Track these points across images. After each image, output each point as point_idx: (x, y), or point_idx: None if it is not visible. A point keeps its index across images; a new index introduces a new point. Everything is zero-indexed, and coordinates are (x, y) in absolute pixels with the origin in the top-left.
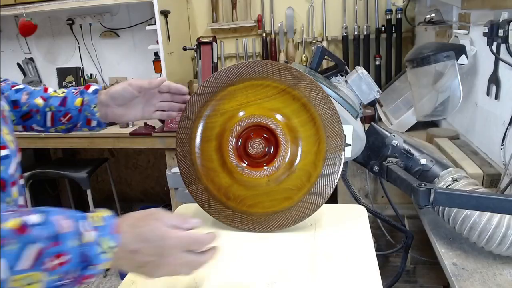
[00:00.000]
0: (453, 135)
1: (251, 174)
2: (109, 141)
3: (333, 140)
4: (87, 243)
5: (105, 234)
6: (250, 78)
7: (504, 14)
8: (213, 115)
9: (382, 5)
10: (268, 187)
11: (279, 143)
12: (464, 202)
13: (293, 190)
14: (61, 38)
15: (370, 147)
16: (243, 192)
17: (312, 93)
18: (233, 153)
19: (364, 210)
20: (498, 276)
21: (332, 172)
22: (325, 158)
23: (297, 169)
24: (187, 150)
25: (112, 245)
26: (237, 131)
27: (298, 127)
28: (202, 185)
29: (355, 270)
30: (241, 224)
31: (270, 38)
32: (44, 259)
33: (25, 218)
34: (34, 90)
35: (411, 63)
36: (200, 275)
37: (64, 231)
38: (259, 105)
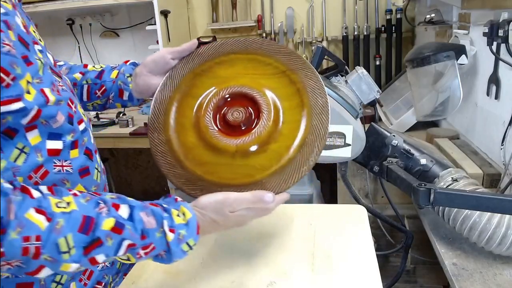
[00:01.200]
0: (453, 135)
1: (221, 139)
2: (109, 141)
3: (316, 129)
4: (170, 241)
5: (188, 237)
6: (256, 52)
7: (504, 14)
8: (205, 75)
9: (382, 5)
10: (233, 159)
11: (260, 119)
12: (464, 202)
13: (258, 169)
14: (61, 38)
15: (370, 147)
16: (206, 157)
17: (309, 81)
18: (210, 115)
19: (364, 210)
20: (498, 276)
21: (304, 161)
22: (303, 145)
23: (269, 149)
24: (166, 98)
25: (192, 244)
26: (222, 95)
27: (286, 109)
28: (165, 137)
29: (355, 270)
30: (189, 188)
31: (270, 38)
32: (135, 250)
33: (115, 215)
34: (74, 65)
35: (411, 63)
36: (200, 275)
37: (149, 227)
38: (254, 79)
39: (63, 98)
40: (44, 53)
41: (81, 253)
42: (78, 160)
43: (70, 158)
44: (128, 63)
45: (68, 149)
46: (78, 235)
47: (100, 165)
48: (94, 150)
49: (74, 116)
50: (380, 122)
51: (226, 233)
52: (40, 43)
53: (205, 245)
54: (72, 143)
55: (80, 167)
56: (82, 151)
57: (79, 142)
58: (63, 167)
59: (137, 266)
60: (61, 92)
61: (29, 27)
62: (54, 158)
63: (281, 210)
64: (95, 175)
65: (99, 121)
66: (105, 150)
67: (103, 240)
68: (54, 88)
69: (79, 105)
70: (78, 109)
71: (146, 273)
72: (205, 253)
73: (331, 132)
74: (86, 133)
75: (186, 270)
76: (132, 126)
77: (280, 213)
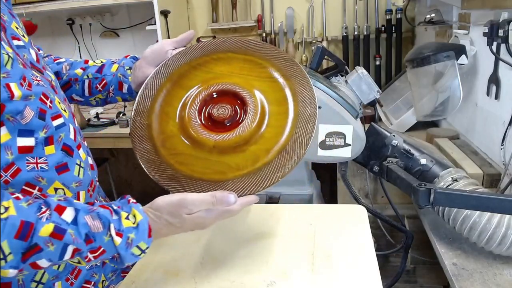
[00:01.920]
0: (453, 135)
1: (201, 132)
2: (109, 141)
3: (299, 137)
4: (118, 245)
5: (137, 240)
6: (254, 54)
7: (504, 14)
8: (199, 69)
9: (382, 5)
10: (209, 153)
11: (245, 119)
12: (464, 202)
13: (232, 168)
14: (61, 38)
15: (370, 147)
16: (182, 147)
17: (302, 89)
18: (196, 107)
19: (364, 210)
20: (498, 276)
21: (281, 167)
22: (282, 151)
23: (248, 150)
24: (157, 85)
25: (145, 247)
26: (212, 90)
27: (272, 114)
28: (147, 122)
29: (355, 270)
30: (159, 176)
31: (270, 38)
32: (82, 254)
33: (56, 219)
34: (75, 61)
35: (411, 63)
36: (200, 275)
37: (96, 231)
38: (247, 80)
39: (34, 93)
40: (23, 49)
41: (19, 259)
42: (54, 157)
43: (46, 154)
44: (129, 57)
45: (42, 145)
46: (14, 242)
47: (84, 160)
48: (77, 145)
49: (47, 111)
50: (380, 122)
51: (226, 233)
52: (23, 39)
53: (205, 245)
54: (45, 139)
55: (57, 163)
56: (59, 147)
57: (55, 138)
58: (37, 164)
59: (137, 266)
60: (33, 87)
61: (11, 23)
62: (27, 155)
63: (281, 210)
64: (76, 171)
65: (99, 121)
66: (105, 150)
67: (41, 246)
68: (24, 82)
69: (57, 100)
70: (55, 104)
71: (146, 273)
72: (205, 253)
73: (331, 132)
74: (63, 128)
75: (186, 270)
76: None
77: (280, 213)
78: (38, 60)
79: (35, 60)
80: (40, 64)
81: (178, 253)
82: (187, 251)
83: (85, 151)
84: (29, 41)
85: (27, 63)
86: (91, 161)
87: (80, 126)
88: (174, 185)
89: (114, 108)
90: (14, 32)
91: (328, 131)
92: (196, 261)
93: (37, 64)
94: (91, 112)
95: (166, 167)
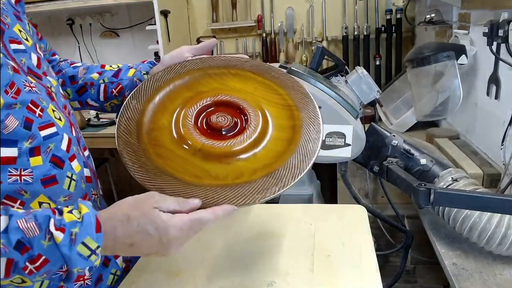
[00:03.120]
0: (453, 135)
1: (191, 132)
2: (109, 141)
3: (292, 168)
4: (59, 243)
5: (82, 235)
6: (272, 79)
7: (504, 14)
8: (213, 78)
9: (382, 5)
10: (192, 155)
11: (242, 133)
12: (464, 202)
13: (210, 176)
14: (61, 38)
15: (370, 147)
16: (166, 141)
17: (310, 125)
18: (195, 109)
19: (364, 210)
20: (498, 276)
21: (262, 190)
22: (269, 175)
23: (233, 164)
24: (165, 79)
25: (94, 246)
26: (219, 99)
27: (272, 138)
28: (141, 107)
29: (355, 270)
30: (130, 160)
31: (270, 38)
32: (20, 266)
33: None
34: (91, 65)
35: (411, 63)
36: (200, 275)
37: (31, 235)
38: (257, 101)
39: (20, 101)
40: (23, 53)
41: None
42: (41, 168)
43: (31, 166)
44: (146, 62)
45: (26, 156)
46: None
47: (78, 172)
48: (70, 156)
49: (34, 121)
50: (380, 122)
51: (226, 233)
52: (26, 43)
53: (205, 245)
54: (31, 150)
55: (43, 175)
56: (47, 159)
57: (42, 149)
58: (20, 176)
59: (137, 266)
60: (22, 94)
61: (14, 26)
62: (9, 167)
63: (281, 210)
64: (66, 184)
65: (99, 121)
66: (105, 150)
67: None
68: (11, 90)
69: (51, 108)
70: (47, 113)
71: (146, 273)
72: (205, 253)
73: (331, 132)
74: (54, 138)
75: (186, 270)
76: None
77: (280, 213)
78: (39, 65)
79: (35, 65)
80: (41, 70)
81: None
82: (187, 251)
83: (81, 163)
84: (33, 44)
85: (23, 68)
86: (89, 172)
87: (80, 126)
88: (142, 174)
89: None
90: (15, 35)
91: (328, 131)
92: (196, 261)
93: (36, 70)
94: (91, 112)
95: (141, 154)
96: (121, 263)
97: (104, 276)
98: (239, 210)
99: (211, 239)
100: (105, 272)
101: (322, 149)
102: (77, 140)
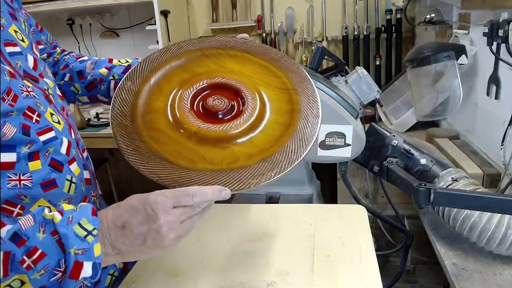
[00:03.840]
0: (453, 135)
1: (187, 115)
2: (109, 141)
3: (289, 152)
4: (57, 223)
5: (78, 217)
6: (271, 62)
7: (504, 14)
8: (211, 59)
9: (382, 5)
10: (187, 139)
11: (239, 117)
12: (464, 202)
13: (205, 160)
14: (61, 38)
15: (370, 147)
16: (161, 124)
17: (309, 109)
18: (191, 91)
19: (364, 210)
20: (498, 276)
21: (258, 175)
22: (264, 159)
23: (229, 148)
24: (161, 60)
25: (90, 228)
26: (215, 81)
27: (269, 122)
28: (136, 89)
29: (355, 270)
30: (124, 143)
31: (270, 38)
32: (17, 259)
33: None
34: (99, 60)
35: (411, 63)
36: (200, 275)
37: (26, 227)
38: (255, 84)
39: (17, 108)
40: (19, 55)
41: None
42: (40, 172)
43: (30, 170)
44: None
45: (25, 160)
46: None
47: (78, 175)
48: (69, 159)
49: (31, 127)
50: (380, 122)
51: (226, 233)
52: (21, 44)
53: (205, 245)
54: (29, 155)
55: (43, 180)
56: (46, 163)
57: (41, 153)
58: (20, 181)
59: (137, 266)
60: (19, 100)
61: (9, 27)
62: (8, 172)
63: (281, 210)
64: (66, 188)
65: (99, 121)
66: (105, 150)
67: None
68: (8, 97)
69: (49, 112)
70: (44, 117)
71: (146, 273)
72: (205, 253)
73: (331, 132)
74: (53, 143)
75: (186, 270)
76: None
77: (280, 213)
78: (35, 67)
79: (32, 67)
80: (37, 72)
81: (178, 253)
82: (187, 251)
83: (80, 165)
84: (29, 45)
85: (19, 72)
86: (88, 174)
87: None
88: (136, 157)
89: None
90: (10, 37)
91: (328, 131)
92: (196, 261)
93: (32, 72)
94: (91, 112)
95: (135, 137)
96: (119, 264)
97: (102, 277)
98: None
99: (211, 239)
100: (104, 273)
101: (322, 149)
102: (76, 142)
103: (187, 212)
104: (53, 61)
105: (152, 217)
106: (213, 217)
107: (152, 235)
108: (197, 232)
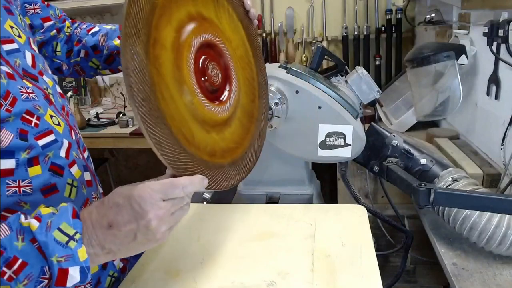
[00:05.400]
0: (453, 135)
1: (190, 74)
2: (109, 141)
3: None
4: (34, 231)
5: (58, 222)
6: (251, 44)
7: (504, 14)
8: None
9: (382, 5)
10: (184, 105)
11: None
12: (464, 202)
13: (194, 143)
14: None
15: (370, 147)
16: (168, 73)
17: (263, 112)
18: (196, 42)
19: (364, 210)
20: (498, 276)
21: (227, 178)
22: (234, 165)
23: (210, 136)
24: None
25: (72, 232)
26: (215, 42)
27: (237, 120)
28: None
29: (355, 270)
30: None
31: (270, 38)
32: None
33: None
34: (110, 29)
35: (411, 63)
36: (200, 275)
37: (2, 236)
38: (238, 70)
39: (14, 113)
40: (17, 53)
41: None
42: (40, 178)
43: (30, 176)
44: None
45: (25, 166)
46: None
47: (78, 178)
48: (69, 162)
49: (29, 131)
50: (380, 122)
51: (226, 233)
52: (18, 40)
53: (205, 245)
54: (29, 160)
55: (43, 185)
56: (45, 168)
57: (41, 158)
58: (19, 188)
59: (137, 266)
60: (17, 104)
61: (4, 23)
62: (8, 179)
63: (281, 210)
64: (67, 192)
65: (99, 121)
66: (105, 150)
67: None
68: (5, 101)
69: (48, 114)
70: (44, 120)
71: (146, 273)
72: (205, 253)
73: (331, 132)
74: (53, 146)
75: (186, 270)
76: (132, 126)
77: (280, 213)
78: (34, 64)
79: (30, 65)
80: (36, 69)
81: (178, 253)
82: (187, 251)
83: (80, 167)
84: (27, 40)
85: (18, 71)
86: (89, 175)
87: (80, 126)
88: (145, 111)
89: (114, 108)
90: (7, 34)
91: (328, 131)
92: (196, 261)
93: (31, 70)
94: (91, 112)
95: (145, 74)
96: (118, 264)
97: (102, 279)
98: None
99: (211, 239)
100: (103, 275)
101: (322, 149)
102: (77, 143)
103: (177, 203)
104: (65, 36)
105: (140, 213)
106: (213, 217)
107: (143, 231)
108: (197, 232)
